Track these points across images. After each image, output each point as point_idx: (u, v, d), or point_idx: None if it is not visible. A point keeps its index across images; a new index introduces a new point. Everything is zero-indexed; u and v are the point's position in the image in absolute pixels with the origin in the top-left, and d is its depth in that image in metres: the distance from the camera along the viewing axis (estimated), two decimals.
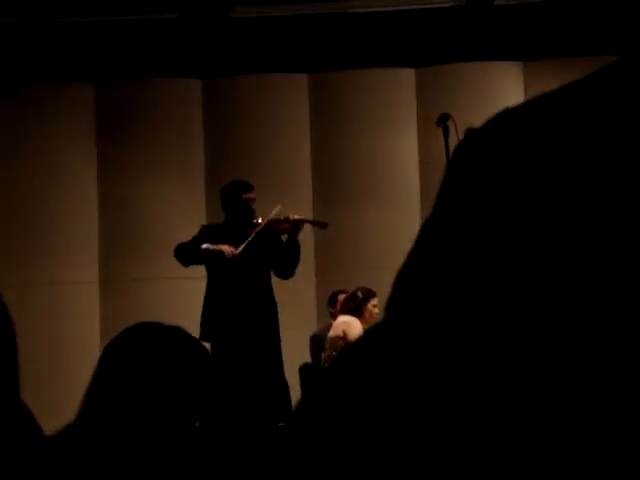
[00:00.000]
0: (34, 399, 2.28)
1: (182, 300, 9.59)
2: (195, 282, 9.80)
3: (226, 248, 7.22)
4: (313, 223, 7.70)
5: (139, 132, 9.89)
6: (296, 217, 7.38)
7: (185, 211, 9.86)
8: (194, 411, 2.25)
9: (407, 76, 10.00)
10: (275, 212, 7.29)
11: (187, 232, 9.77)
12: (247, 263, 7.19)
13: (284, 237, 7.44)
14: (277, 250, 7.35)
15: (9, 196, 9.74)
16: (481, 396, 0.75)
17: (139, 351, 2.21)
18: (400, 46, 9.90)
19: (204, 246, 7.28)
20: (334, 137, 9.93)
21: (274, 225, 7.33)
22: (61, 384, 8.86)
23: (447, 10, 9.91)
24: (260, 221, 7.31)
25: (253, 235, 7.23)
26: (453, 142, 6.75)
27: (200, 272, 9.75)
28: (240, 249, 7.21)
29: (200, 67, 9.98)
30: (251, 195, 7.32)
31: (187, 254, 7.41)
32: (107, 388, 2.18)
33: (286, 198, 7.48)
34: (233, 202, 7.34)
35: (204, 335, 7.17)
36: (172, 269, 9.77)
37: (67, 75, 9.86)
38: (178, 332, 2.28)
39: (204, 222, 9.81)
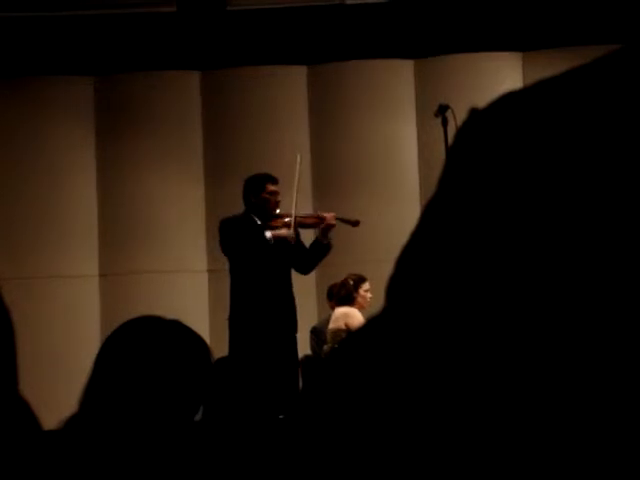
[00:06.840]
0: (34, 392, 2.28)
1: (182, 293, 9.60)
2: (195, 275, 9.83)
3: (289, 234, 7.11)
4: (343, 221, 7.48)
5: (138, 125, 9.88)
6: (326, 214, 7.27)
7: (184, 203, 9.86)
8: (193, 404, 2.26)
9: (405, 67, 9.99)
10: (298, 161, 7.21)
11: (186, 224, 9.80)
12: (274, 257, 7.09)
13: (304, 232, 7.37)
14: (299, 246, 7.26)
15: (8, 189, 9.73)
16: (481, 388, 0.74)
17: (138, 344, 2.21)
18: (398, 37, 9.89)
19: (269, 234, 7.07)
20: (333, 129, 9.93)
21: (302, 220, 7.23)
22: (61, 377, 8.86)
23: (445, 0, 9.90)
24: (284, 214, 7.20)
25: (294, 220, 7.12)
26: (452, 133, 6.72)
27: (200, 266, 9.78)
28: (293, 233, 7.13)
29: (198, 59, 9.98)
30: (276, 188, 7.19)
31: (251, 243, 7.06)
32: (106, 381, 2.18)
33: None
34: (257, 193, 7.17)
35: (231, 320, 7.17)
36: (172, 262, 9.79)
37: (66, 68, 9.86)
38: (177, 325, 2.28)
39: (203, 214, 9.82)
